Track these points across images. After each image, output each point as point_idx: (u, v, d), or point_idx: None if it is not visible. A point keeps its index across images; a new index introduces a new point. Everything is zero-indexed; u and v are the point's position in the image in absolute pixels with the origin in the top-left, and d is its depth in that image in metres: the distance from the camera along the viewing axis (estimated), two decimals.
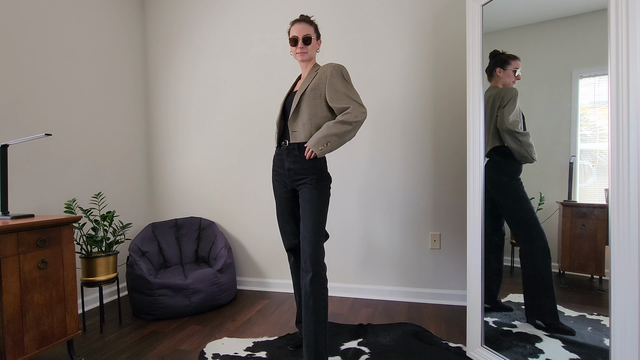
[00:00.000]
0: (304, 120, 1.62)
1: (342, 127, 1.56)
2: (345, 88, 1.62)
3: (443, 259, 2.41)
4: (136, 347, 1.88)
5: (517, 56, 1.54)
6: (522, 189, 1.54)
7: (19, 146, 2.07)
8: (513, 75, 1.56)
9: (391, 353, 1.75)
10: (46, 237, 1.59)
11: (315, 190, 1.60)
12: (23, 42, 2.11)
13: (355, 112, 1.58)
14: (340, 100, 1.60)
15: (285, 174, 1.69)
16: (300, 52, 1.68)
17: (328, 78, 1.62)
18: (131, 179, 2.87)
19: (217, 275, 2.38)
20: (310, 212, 1.58)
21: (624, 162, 1.11)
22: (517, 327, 1.56)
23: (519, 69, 1.54)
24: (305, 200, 1.60)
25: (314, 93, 1.63)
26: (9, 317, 1.44)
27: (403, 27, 2.43)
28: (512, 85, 1.56)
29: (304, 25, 1.67)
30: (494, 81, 1.62)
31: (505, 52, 1.57)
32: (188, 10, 2.90)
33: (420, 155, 2.43)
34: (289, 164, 1.65)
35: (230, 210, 2.84)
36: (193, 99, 2.91)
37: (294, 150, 1.64)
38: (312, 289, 1.52)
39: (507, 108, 1.56)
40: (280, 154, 1.71)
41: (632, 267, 1.10)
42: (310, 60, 1.72)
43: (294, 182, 1.67)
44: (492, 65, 1.61)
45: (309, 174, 1.62)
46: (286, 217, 1.77)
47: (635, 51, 1.09)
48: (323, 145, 1.56)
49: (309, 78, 1.66)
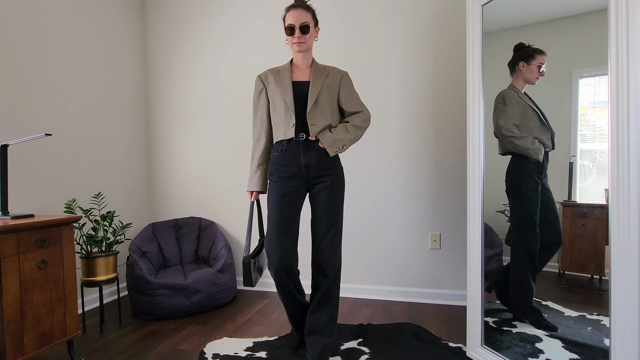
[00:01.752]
0: (325, 114, 1.53)
1: (358, 132, 1.59)
2: (356, 94, 1.67)
3: (443, 259, 2.41)
4: (136, 347, 1.88)
5: (543, 51, 1.44)
6: (528, 189, 1.51)
7: (19, 146, 2.07)
8: (537, 70, 1.46)
9: (391, 353, 1.75)
10: (46, 237, 1.59)
11: (338, 190, 1.56)
12: (23, 42, 2.11)
13: (366, 115, 1.63)
14: (353, 105, 1.63)
15: (298, 172, 1.53)
16: (298, 42, 1.53)
17: (342, 81, 1.63)
18: (131, 179, 2.87)
19: (217, 275, 2.38)
20: (334, 215, 1.54)
21: (624, 162, 1.11)
22: (517, 327, 1.56)
23: (544, 64, 1.44)
24: (327, 202, 1.53)
25: (330, 91, 1.58)
26: (9, 317, 1.44)
27: (403, 27, 2.43)
28: (534, 82, 1.48)
29: (301, 11, 1.52)
30: (515, 77, 1.53)
31: (532, 46, 1.47)
32: (188, 10, 2.90)
33: (420, 155, 2.43)
34: (309, 160, 1.51)
35: (230, 210, 2.84)
36: (193, 98, 2.91)
37: (314, 145, 1.51)
38: (332, 290, 1.60)
39: (496, 113, 1.57)
40: (291, 150, 1.53)
41: (632, 267, 1.10)
42: (308, 51, 1.60)
43: (310, 180, 1.54)
44: (515, 58, 1.52)
45: (331, 172, 1.54)
46: (284, 226, 1.52)
47: (635, 51, 1.09)
48: (338, 147, 1.52)
49: (320, 74, 1.58)
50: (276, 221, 1.53)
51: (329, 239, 1.55)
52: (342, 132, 1.53)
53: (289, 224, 1.54)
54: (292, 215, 1.54)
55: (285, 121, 1.52)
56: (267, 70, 1.64)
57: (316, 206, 1.57)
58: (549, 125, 1.43)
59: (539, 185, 1.47)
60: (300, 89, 1.55)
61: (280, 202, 1.53)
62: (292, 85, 1.56)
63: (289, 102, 1.52)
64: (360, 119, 1.60)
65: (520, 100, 1.52)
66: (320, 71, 1.60)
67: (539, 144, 1.45)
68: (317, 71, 1.59)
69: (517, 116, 1.52)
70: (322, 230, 1.55)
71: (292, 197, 1.54)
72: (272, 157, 1.59)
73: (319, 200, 1.55)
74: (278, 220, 1.53)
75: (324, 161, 1.53)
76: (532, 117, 1.47)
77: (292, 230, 1.54)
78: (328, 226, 1.55)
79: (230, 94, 2.81)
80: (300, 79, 1.60)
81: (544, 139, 1.44)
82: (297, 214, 1.57)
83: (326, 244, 1.55)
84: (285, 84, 1.55)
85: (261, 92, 1.63)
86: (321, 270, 1.57)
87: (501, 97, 1.56)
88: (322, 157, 1.52)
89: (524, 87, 1.52)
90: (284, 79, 1.56)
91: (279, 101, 1.55)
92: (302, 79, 1.59)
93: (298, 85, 1.57)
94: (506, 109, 1.54)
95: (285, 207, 1.53)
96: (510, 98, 1.54)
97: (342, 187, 1.59)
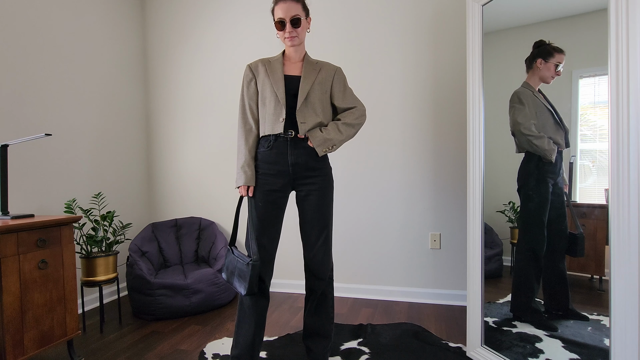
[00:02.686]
0: (316, 111, 1.47)
1: (350, 130, 1.52)
2: (350, 89, 1.61)
3: (443, 259, 2.41)
4: (136, 347, 1.88)
5: (563, 50, 1.41)
6: (538, 189, 1.49)
7: (19, 146, 2.07)
8: (554, 69, 1.44)
9: (391, 353, 1.75)
10: (46, 237, 1.59)
11: (327, 192, 1.51)
12: (23, 42, 2.10)
13: (361, 111, 1.56)
14: (346, 100, 1.57)
15: (285, 170, 1.47)
16: (290, 36, 1.45)
17: (335, 76, 1.55)
18: (131, 179, 2.87)
19: (217, 275, 2.38)
20: (324, 218, 1.51)
21: (624, 162, 1.11)
22: (517, 327, 1.56)
23: (562, 63, 1.41)
24: (318, 205, 1.49)
25: (322, 88, 1.51)
26: (9, 317, 1.44)
27: (403, 26, 2.43)
28: (549, 80, 1.46)
29: (290, 3, 1.43)
30: (531, 74, 1.51)
31: (551, 44, 1.44)
32: (188, 10, 2.90)
33: (420, 155, 2.43)
34: (296, 158, 1.46)
35: (230, 210, 2.84)
36: (193, 98, 2.91)
37: (302, 142, 1.46)
38: (327, 291, 1.61)
39: (513, 112, 1.55)
40: (278, 146, 1.46)
41: (632, 267, 1.10)
42: (300, 45, 1.53)
43: (296, 179, 1.48)
44: (534, 55, 1.49)
45: (319, 173, 1.50)
46: (265, 225, 1.46)
47: (635, 51, 1.09)
48: (328, 147, 1.46)
49: (312, 69, 1.51)
50: (258, 221, 1.46)
51: (321, 243, 1.52)
52: (333, 132, 1.47)
53: (272, 223, 1.48)
54: (275, 214, 1.49)
55: (274, 115, 1.45)
56: (258, 60, 1.56)
57: (306, 211, 1.51)
58: (563, 124, 1.41)
59: (550, 186, 1.46)
60: (292, 84, 1.49)
61: (263, 199, 1.47)
62: (284, 79, 1.49)
63: (280, 96, 1.44)
64: (353, 116, 1.53)
65: (535, 99, 1.49)
66: (313, 66, 1.52)
67: (554, 144, 1.44)
68: (309, 66, 1.52)
69: (534, 115, 1.49)
70: (313, 235, 1.51)
71: (277, 196, 1.48)
72: (258, 152, 1.51)
73: (309, 204, 1.49)
74: (260, 220, 1.46)
75: (312, 160, 1.47)
76: (547, 116, 1.46)
77: (274, 230, 1.49)
78: (319, 230, 1.51)
79: (230, 93, 2.81)
80: (291, 72, 1.52)
81: (558, 138, 1.42)
82: (281, 213, 1.51)
83: (319, 248, 1.52)
84: (277, 77, 1.48)
85: (250, 81, 1.53)
86: (315, 273, 1.55)
87: (516, 96, 1.54)
88: (311, 156, 1.47)
89: (538, 86, 1.49)
90: (275, 71, 1.49)
91: (269, 94, 1.48)
92: (294, 73, 1.52)
93: (289, 79, 1.50)
94: (523, 108, 1.51)
95: (270, 205, 1.47)
96: (526, 97, 1.52)
97: (331, 188, 1.54)
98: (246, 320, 1.49)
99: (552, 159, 1.44)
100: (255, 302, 1.47)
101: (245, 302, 1.49)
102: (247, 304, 1.49)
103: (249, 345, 1.48)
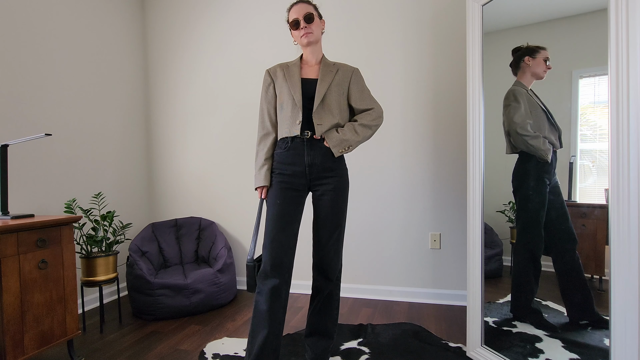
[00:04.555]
0: (333, 113, 1.49)
1: (367, 131, 1.53)
2: (368, 90, 1.61)
3: (443, 259, 2.41)
4: (136, 347, 1.88)
5: (544, 47, 1.45)
6: (534, 189, 1.49)
7: (19, 146, 2.07)
8: (544, 64, 1.44)
9: (391, 353, 1.75)
10: (46, 237, 1.59)
11: (343, 193, 1.52)
12: (23, 42, 2.11)
13: (378, 112, 1.57)
14: (364, 102, 1.57)
15: (301, 171, 1.49)
16: (305, 32, 1.50)
17: (352, 77, 1.57)
18: (131, 179, 2.87)
19: (217, 275, 2.38)
20: (338, 218, 1.51)
21: (624, 162, 1.11)
22: (517, 327, 1.56)
23: (548, 57, 1.43)
24: (332, 206, 1.50)
25: (339, 89, 1.53)
26: (9, 317, 1.44)
27: (403, 27, 2.43)
28: (542, 75, 1.45)
29: (302, 4, 1.52)
30: (521, 73, 1.51)
31: (531, 45, 1.48)
32: (188, 10, 2.90)
33: (420, 154, 2.43)
34: (312, 159, 1.48)
35: (231, 210, 2.84)
36: (193, 98, 2.91)
37: (319, 143, 1.48)
38: (334, 292, 1.62)
39: (508, 111, 1.54)
40: (295, 147, 1.48)
41: (632, 267, 1.10)
42: (317, 44, 1.56)
43: (312, 180, 1.50)
44: (520, 56, 1.50)
45: (335, 173, 1.51)
46: (284, 224, 1.47)
47: (635, 51, 1.09)
48: (344, 148, 1.48)
49: (329, 71, 1.54)
50: (276, 218, 1.47)
51: (332, 243, 1.53)
52: (349, 133, 1.49)
53: (290, 222, 1.48)
54: (293, 213, 1.49)
55: (292, 118, 1.48)
56: (277, 65, 1.61)
57: (320, 209, 1.53)
58: (556, 124, 1.41)
59: (546, 186, 1.45)
60: (309, 87, 1.51)
61: (281, 199, 1.48)
62: (301, 82, 1.52)
63: (297, 99, 1.48)
64: (370, 117, 1.55)
65: (530, 97, 1.49)
66: (330, 68, 1.55)
67: (549, 144, 1.44)
68: (325, 68, 1.54)
69: (529, 114, 1.49)
70: (326, 234, 1.52)
71: (294, 195, 1.49)
72: (276, 154, 1.54)
73: (323, 203, 1.51)
74: (279, 217, 1.47)
75: (329, 161, 1.49)
76: (541, 116, 1.45)
77: (292, 229, 1.48)
78: (332, 230, 1.52)
79: (231, 93, 2.81)
80: (309, 75, 1.56)
81: (553, 138, 1.42)
82: (299, 213, 1.52)
83: (330, 248, 1.53)
84: (294, 80, 1.52)
85: (269, 86, 1.59)
86: (324, 273, 1.56)
87: (512, 94, 1.53)
88: (327, 157, 1.48)
89: (531, 84, 1.49)
90: (293, 75, 1.53)
91: (287, 97, 1.51)
92: (311, 76, 1.55)
93: (306, 82, 1.53)
94: (519, 106, 1.50)
95: (287, 204, 1.48)
96: (521, 95, 1.51)
97: (346, 189, 1.55)
98: (259, 318, 1.45)
99: (548, 159, 1.44)
100: (269, 292, 1.43)
101: (258, 296, 1.46)
102: (258, 299, 1.46)
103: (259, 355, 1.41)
